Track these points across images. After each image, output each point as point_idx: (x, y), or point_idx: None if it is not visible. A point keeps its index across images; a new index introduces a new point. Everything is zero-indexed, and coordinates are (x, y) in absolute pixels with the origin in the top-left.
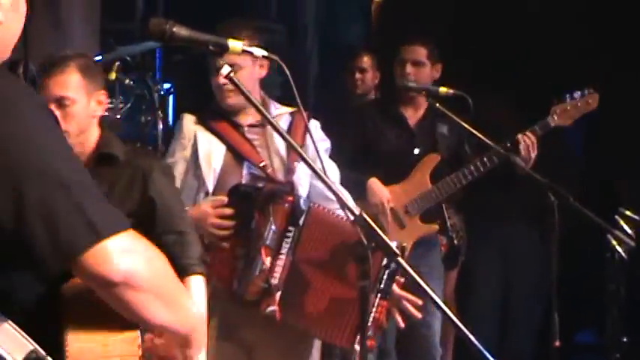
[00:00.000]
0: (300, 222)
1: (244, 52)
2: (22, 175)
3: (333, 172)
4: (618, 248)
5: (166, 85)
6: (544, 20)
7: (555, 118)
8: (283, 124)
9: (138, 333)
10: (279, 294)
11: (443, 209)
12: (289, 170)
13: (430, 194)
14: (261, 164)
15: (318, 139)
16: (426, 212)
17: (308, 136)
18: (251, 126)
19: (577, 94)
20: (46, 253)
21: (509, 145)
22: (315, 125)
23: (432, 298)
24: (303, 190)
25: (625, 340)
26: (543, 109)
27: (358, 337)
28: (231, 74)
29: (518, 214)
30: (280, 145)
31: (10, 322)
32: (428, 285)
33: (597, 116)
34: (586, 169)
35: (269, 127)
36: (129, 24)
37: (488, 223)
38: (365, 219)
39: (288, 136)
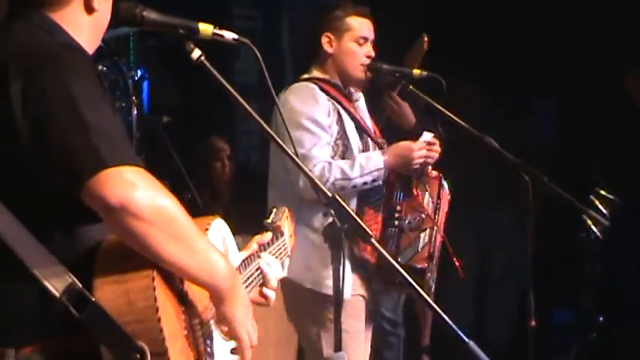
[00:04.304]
0: (440, 194)
1: (215, 35)
2: (51, 113)
3: None
4: (594, 228)
5: (140, 71)
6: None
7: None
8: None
9: (150, 277)
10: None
11: None
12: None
13: None
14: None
15: None
16: None
17: None
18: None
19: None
20: (60, 178)
21: None
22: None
23: (406, 279)
24: None
25: (601, 319)
26: (511, 94)
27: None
28: (202, 58)
29: (494, 194)
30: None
31: (51, 255)
32: None
33: (570, 96)
34: (560, 149)
35: (359, 104)
36: None
37: (463, 205)
38: (338, 201)
39: (266, 127)
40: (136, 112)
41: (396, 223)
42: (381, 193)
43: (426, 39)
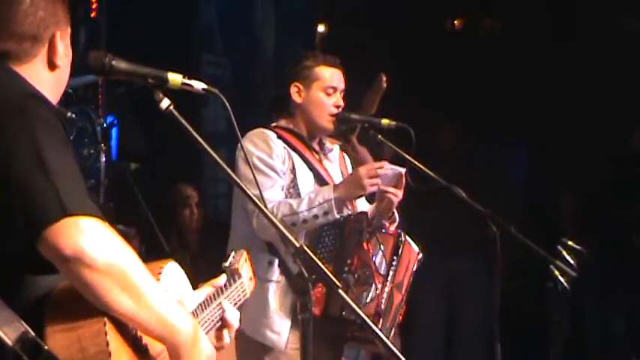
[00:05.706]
0: (400, 252)
1: (184, 85)
2: (16, 161)
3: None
4: (561, 279)
5: (109, 118)
6: (492, 50)
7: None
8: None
9: (102, 322)
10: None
11: None
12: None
13: None
14: None
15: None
16: None
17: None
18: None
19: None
20: (19, 225)
21: None
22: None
23: (373, 331)
24: None
25: None
26: (490, 136)
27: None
28: (171, 107)
29: (462, 244)
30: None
31: (4, 303)
32: None
33: (540, 146)
34: (528, 198)
35: (330, 155)
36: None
37: (432, 255)
38: (305, 251)
39: (234, 176)
40: (104, 158)
41: (344, 276)
42: (332, 245)
43: (384, 78)
